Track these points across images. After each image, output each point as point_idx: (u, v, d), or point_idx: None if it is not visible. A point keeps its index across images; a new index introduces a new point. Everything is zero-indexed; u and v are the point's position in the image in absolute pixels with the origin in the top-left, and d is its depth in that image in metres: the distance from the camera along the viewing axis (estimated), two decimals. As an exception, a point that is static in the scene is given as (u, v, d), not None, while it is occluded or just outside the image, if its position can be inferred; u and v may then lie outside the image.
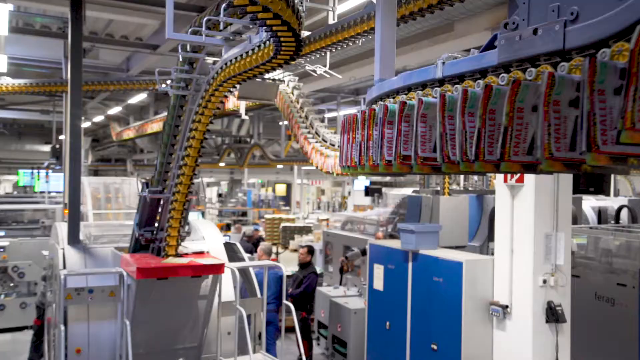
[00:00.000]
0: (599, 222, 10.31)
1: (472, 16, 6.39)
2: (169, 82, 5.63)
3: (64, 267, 5.81)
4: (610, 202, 11.45)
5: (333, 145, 7.02)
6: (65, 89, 11.17)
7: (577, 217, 8.65)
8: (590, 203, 10.83)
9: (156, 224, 5.68)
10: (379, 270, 6.52)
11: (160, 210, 5.61)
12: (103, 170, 30.04)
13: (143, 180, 5.80)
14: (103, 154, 29.65)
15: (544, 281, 4.96)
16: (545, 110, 1.38)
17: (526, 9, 1.59)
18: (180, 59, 5.31)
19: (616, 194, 17.45)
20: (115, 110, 19.56)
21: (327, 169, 6.94)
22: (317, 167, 7.22)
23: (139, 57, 11.51)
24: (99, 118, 21.92)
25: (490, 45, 1.78)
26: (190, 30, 4.48)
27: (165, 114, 16.18)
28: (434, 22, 6.64)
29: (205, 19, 4.20)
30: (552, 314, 4.92)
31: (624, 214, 10.35)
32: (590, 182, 7.07)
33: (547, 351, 4.95)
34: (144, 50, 10.60)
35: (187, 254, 5.59)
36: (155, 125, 16.42)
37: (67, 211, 7.03)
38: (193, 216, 9.44)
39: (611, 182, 12.58)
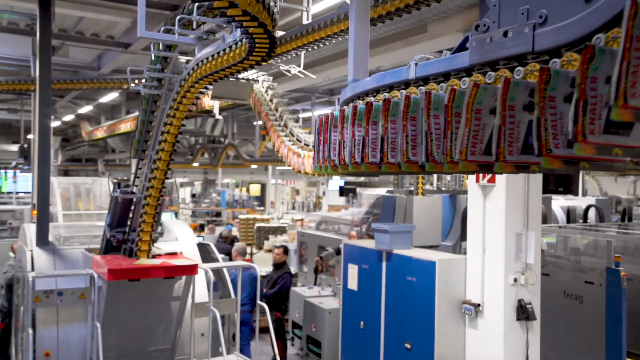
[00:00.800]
0: (568, 221, 10.53)
1: (445, 18, 6.46)
2: (141, 81, 5.56)
3: (32, 269, 5.68)
4: (578, 202, 11.71)
5: (307, 145, 7.02)
6: (34, 87, 10.95)
7: (547, 217, 8.82)
8: (559, 203, 11.06)
9: (128, 225, 5.60)
10: (353, 270, 6.54)
11: (132, 210, 5.54)
12: (73, 170, 29.49)
13: (114, 181, 5.72)
14: (73, 154, 29.12)
15: (515, 280, 5.04)
16: (503, 114, 1.41)
17: (497, 12, 1.61)
18: (153, 58, 5.25)
19: (584, 194, 17.85)
20: (85, 109, 19.22)
21: (302, 169, 6.94)
22: (291, 167, 7.22)
23: (111, 55, 11.33)
24: (69, 117, 21.52)
25: (462, 47, 1.80)
26: (162, 28, 4.43)
27: (137, 113, 15.99)
28: (407, 23, 6.71)
29: (178, 17, 4.16)
30: (523, 312, 5.00)
31: (592, 213, 10.59)
32: (559, 182, 7.21)
33: (517, 348, 5.03)
34: (115, 48, 10.45)
35: (159, 255, 5.53)
36: (127, 125, 16.21)
37: (35, 212, 6.89)
38: (166, 217, 9.34)
39: (579, 183, 12.86)
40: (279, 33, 5.73)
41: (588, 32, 1.27)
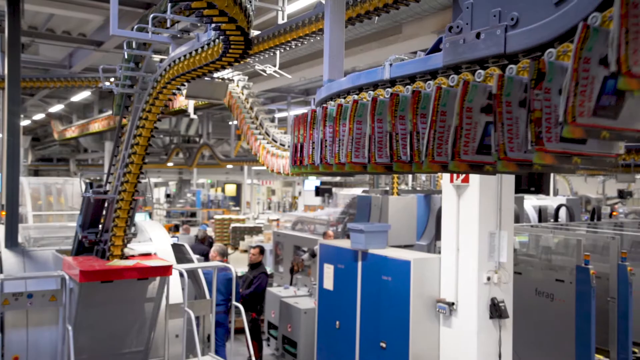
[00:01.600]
0: (540, 220, 10.72)
1: (419, 19, 6.52)
2: (114, 79, 5.48)
3: (1, 272, 5.56)
4: (550, 202, 11.94)
5: (283, 145, 7.01)
6: (2, 85, 10.67)
7: (519, 216, 8.97)
8: (531, 202, 11.26)
9: (101, 226, 5.52)
10: (329, 269, 6.55)
11: (105, 211, 5.46)
12: (44, 170, 28.92)
13: (87, 181, 5.62)
14: (44, 153, 28.56)
15: (488, 278, 5.11)
16: (460, 116, 1.44)
17: (469, 14, 1.63)
18: (126, 56, 5.18)
19: (555, 194, 18.21)
20: (56, 108, 18.86)
21: (277, 169, 6.93)
22: (267, 167, 7.20)
23: (82, 53, 11.14)
24: (39, 116, 21.08)
25: (436, 48, 1.81)
26: (136, 26, 4.37)
27: (110, 112, 15.75)
28: (383, 24, 6.75)
29: (151, 15, 4.11)
30: (496, 310, 5.07)
31: (563, 212, 10.81)
32: (531, 182, 7.34)
33: (490, 346, 5.10)
34: (87, 46, 10.28)
35: (133, 256, 5.45)
36: (99, 124, 15.96)
37: (4, 213, 6.73)
38: (140, 217, 9.22)
39: (550, 182, 13.10)
40: (254, 32, 5.71)
41: (557, 35, 1.30)
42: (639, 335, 6.43)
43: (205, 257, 9.43)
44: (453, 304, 5.27)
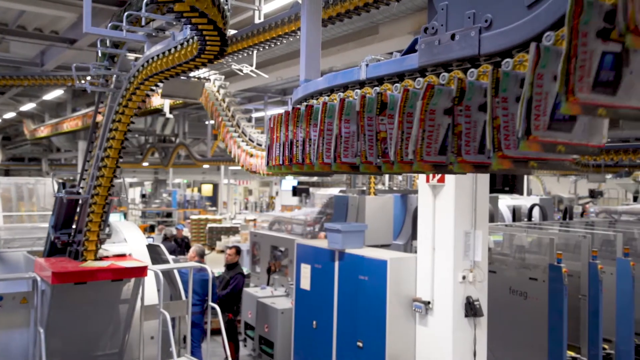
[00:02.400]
0: (514, 219, 10.88)
1: (396, 20, 6.56)
2: (88, 78, 5.39)
3: (-30, 274, 5.42)
4: (523, 201, 12.12)
5: (260, 145, 6.98)
6: (-28, 82, 10.45)
7: (494, 216, 9.09)
8: (505, 202, 11.41)
9: (74, 226, 5.43)
10: (306, 269, 6.55)
11: (78, 211, 5.37)
12: (15, 169, 28.32)
13: (59, 181, 5.52)
14: (15, 153, 27.96)
15: (463, 277, 5.16)
16: (422, 118, 1.47)
17: (444, 15, 1.65)
18: (100, 55, 5.10)
19: (529, 193, 18.50)
20: (28, 106, 18.47)
21: (254, 169, 6.90)
22: (243, 167, 7.16)
23: (55, 51, 10.92)
24: (10, 115, 20.62)
25: (411, 49, 1.83)
26: (110, 24, 4.31)
27: (84, 111, 15.49)
28: (359, 24, 6.77)
29: (126, 13, 4.05)
30: (471, 309, 5.13)
31: (536, 212, 10.98)
32: (506, 182, 7.45)
33: (465, 344, 5.16)
34: (60, 44, 10.08)
35: (107, 257, 5.38)
36: (72, 123, 15.69)
37: (-27, 214, 6.57)
38: (114, 218, 9.09)
39: (524, 182, 13.32)
40: (231, 32, 5.68)
41: (530, 37, 1.32)
42: (609, 332, 6.58)
43: (172, 254, 9.39)
44: (429, 302, 5.31)
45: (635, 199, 23.51)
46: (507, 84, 1.27)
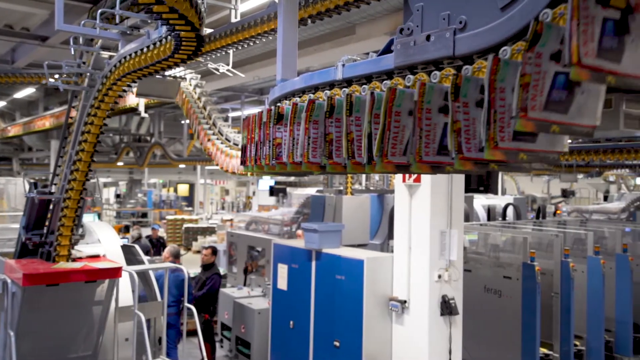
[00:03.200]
0: (488, 219, 11.02)
1: (372, 20, 6.59)
2: (60, 76, 5.29)
3: (-62, 276, 5.28)
4: (498, 201, 12.29)
5: (237, 144, 6.94)
6: (-60, 80, 10.19)
7: (469, 215, 9.20)
8: (480, 201, 11.56)
9: (46, 227, 5.33)
10: (282, 269, 6.54)
11: (50, 212, 5.27)
12: (-15, 169, 27.66)
13: (31, 181, 5.42)
14: (-15, 152, 27.32)
15: (439, 276, 5.21)
16: (389, 120, 1.50)
17: (420, 16, 1.65)
18: (73, 52, 5.01)
19: (503, 193, 18.76)
20: (-1, 104, 18.10)
21: (231, 168, 6.86)
22: (220, 167, 7.11)
23: (26, 48, 10.70)
24: (-20, 113, 20.16)
25: (387, 49, 1.83)
26: (83, 22, 4.24)
27: (57, 110, 15.21)
28: (336, 24, 6.78)
29: (99, 11, 3.99)
30: (446, 307, 5.18)
31: (510, 211, 11.15)
32: (480, 182, 7.55)
33: (441, 342, 5.21)
34: (31, 41, 9.88)
35: (80, 258, 5.30)
36: (44, 122, 15.39)
37: (-59, 214, 6.41)
38: (88, 218, 8.95)
39: (498, 182, 13.50)
40: (207, 31, 5.64)
41: (503, 39, 1.34)
42: (580, 329, 6.71)
43: (147, 254, 9.32)
44: (405, 302, 5.35)
45: (605, 199, 24.04)
46: (468, 89, 1.30)
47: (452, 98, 1.34)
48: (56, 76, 5.32)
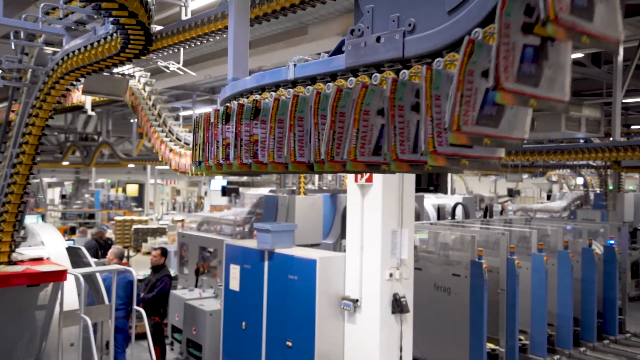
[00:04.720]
0: (438, 218, 11.26)
1: (325, 21, 6.61)
2: None
3: None
4: (447, 200, 12.57)
5: (188, 144, 6.83)
6: None
7: (420, 214, 9.37)
8: (431, 201, 11.79)
9: (-16, 229, 5.09)
10: (235, 270, 6.48)
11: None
12: None
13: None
14: None
15: (391, 275, 5.28)
16: (356, 118, 1.51)
17: (370, 18, 1.67)
18: (13, 47, 4.81)
19: (453, 192, 19.21)
20: None
21: (182, 168, 6.74)
22: (171, 166, 6.98)
23: (-36, 41, 10.21)
24: None
25: (338, 50, 1.85)
26: (25, 15, 4.07)
27: (-3, 106, 14.57)
28: (289, 24, 6.76)
29: (42, 4, 3.85)
30: (397, 305, 5.26)
31: (459, 210, 11.43)
32: (431, 181, 7.69)
33: (392, 340, 5.28)
34: (-31, 34, 9.42)
35: (22, 261, 5.09)
36: (-16, 119, 14.73)
37: None
38: (31, 220, 8.61)
39: (448, 182, 13.80)
40: (157, 28, 5.52)
41: (450, 42, 1.36)
42: (525, 324, 6.94)
43: (94, 256, 9.03)
44: (357, 300, 5.40)
45: (548, 197, 24.99)
46: (439, 82, 1.31)
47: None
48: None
